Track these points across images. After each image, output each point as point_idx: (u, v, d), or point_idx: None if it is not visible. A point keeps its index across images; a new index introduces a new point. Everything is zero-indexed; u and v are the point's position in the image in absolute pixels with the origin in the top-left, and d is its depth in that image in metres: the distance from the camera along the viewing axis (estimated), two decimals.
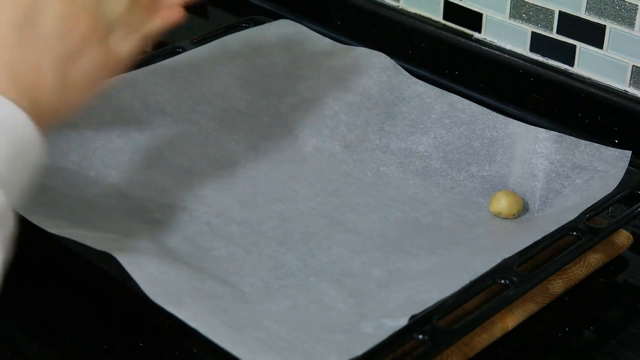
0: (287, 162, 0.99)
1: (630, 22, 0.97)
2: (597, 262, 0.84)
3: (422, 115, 0.99)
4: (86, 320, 0.79)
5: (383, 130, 1.00)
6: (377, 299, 0.80)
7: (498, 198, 0.90)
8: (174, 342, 0.77)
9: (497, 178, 0.94)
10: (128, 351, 0.76)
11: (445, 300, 0.74)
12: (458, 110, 0.98)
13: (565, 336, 0.79)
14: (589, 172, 0.89)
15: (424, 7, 1.13)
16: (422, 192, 0.95)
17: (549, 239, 0.80)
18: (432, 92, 1.00)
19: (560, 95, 1.04)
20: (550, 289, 0.80)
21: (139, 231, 0.86)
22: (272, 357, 0.70)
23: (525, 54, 1.07)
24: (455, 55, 1.11)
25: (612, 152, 0.89)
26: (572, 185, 0.90)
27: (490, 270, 0.77)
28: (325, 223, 0.90)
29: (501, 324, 0.77)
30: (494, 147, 0.95)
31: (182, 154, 0.96)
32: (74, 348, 0.76)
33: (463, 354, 0.74)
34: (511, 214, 0.89)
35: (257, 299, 0.80)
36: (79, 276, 0.83)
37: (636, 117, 0.98)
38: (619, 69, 1.00)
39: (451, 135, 0.97)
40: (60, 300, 0.81)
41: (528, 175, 0.92)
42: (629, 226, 0.88)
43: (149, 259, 0.78)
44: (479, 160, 0.95)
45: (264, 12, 1.15)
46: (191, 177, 0.95)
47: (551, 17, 1.03)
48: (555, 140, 0.91)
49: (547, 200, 0.90)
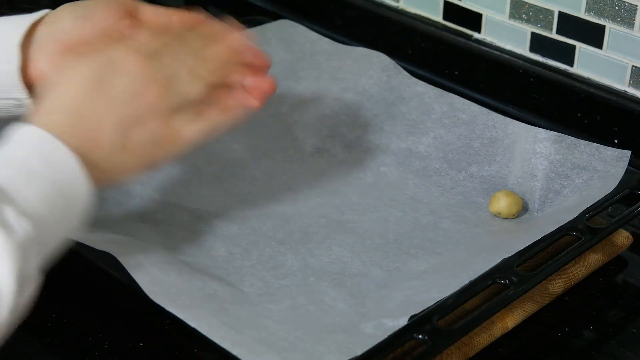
0: (287, 162, 0.99)
1: (630, 22, 0.97)
2: (597, 262, 0.84)
3: (422, 116, 0.99)
4: (86, 320, 0.79)
5: (383, 130, 1.00)
6: (377, 299, 0.80)
7: (498, 198, 0.90)
8: (174, 342, 0.77)
9: (496, 178, 0.94)
10: (128, 351, 0.76)
11: (445, 300, 0.74)
12: (458, 111, 0.98)
13: (565, 336, 0.79)
14: (589, 172, 0.89)
15: (424, 8, 1.13)
16: (422, 192, 0.95)
17: (549, 239, 0.80)
18: (432, 92, 1.00)
19: (559, 95, 1.04)
20: (550, 288, 0.80)
21: (139, 231, 0.86)
22: (272, 357, 0.70)
23: (525, 54, 1.07)
24: (455, 56, 1.11)
25: (612, 152, 0.89)
26: (572, 185, 0.90)
27: (490, 270, 0.77)
28: (325, 223, 0.90)
29: (501, 323, 0.77)
30: (493, 147, 0.95)
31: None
32: (74, 348, 0.76)
33: (463, 354, 0.74)
34: (511, 214, 0.89)
35: (257, 299, 0.80)
36: (79, 276, 0.83)
37: (636, 117, 0.98)
38: (618, 69, 1.00)
39: (451, 135, 0.97)
40: (61, 300, 0.81)
41: (528, 175, 0.92)
42: (628, 226, 0.88)
43: (149, 259, 0.78)
44: (479, 160, 0.95)
45: (264, 12, 1.15)
46: (191, 177, 0.95)
47: (551, 17, 1.03)
48: (554, 140, 0.91)
49: (546, 200, 0.90)
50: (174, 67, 0.73)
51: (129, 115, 0.71)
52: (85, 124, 0.69)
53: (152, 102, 0.72)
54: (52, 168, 0.66)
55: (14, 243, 0.61)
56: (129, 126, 0.71)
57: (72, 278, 0.83)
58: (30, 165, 0.65)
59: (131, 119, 0.71)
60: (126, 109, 0.71)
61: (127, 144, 0.71)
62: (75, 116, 0.69)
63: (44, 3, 1.24)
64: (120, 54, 0.72)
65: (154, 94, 0.72)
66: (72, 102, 0.70)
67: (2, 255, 0.60)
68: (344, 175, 0.97)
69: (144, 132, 0.72)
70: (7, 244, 0.61)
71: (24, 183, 0.64)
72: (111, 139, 0.70)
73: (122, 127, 0.71)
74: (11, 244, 0.61)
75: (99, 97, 0.70)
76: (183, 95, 0.73)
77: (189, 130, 0.74)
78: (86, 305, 0.81)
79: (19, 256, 0.61)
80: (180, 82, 0.73)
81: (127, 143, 0.71)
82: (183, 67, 0.74)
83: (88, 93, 0.70)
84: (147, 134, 0.72)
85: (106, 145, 0.70)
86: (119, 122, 0.70)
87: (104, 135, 0.70)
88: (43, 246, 0.65)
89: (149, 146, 0.72)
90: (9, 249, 0.60)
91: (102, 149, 0.70)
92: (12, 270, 0.60)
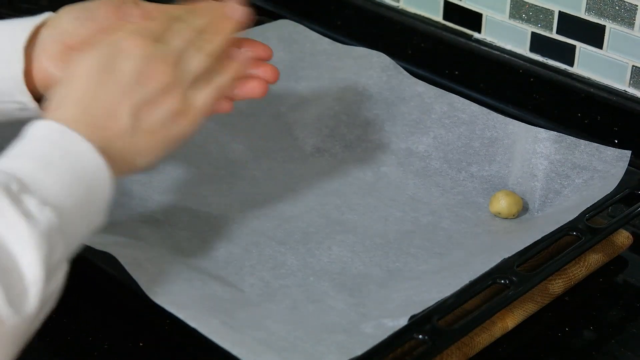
0: (287, 162, 0.99)
1: (630, 22, 0.97)
2: (597, 262, 0.84)
3: (422, 115, 0.99)
4: (86, 320, 0.79)
5: (383, 130, 1.00)
6: (377, 299, 0.80)
7: (498, 198, 0.90)
8: (174, 342, 0.77)
9: (496, 178, 0.94)
10: (128, 351, 0.76)
11: (445, 300, 0.74)
12: (458, 110, 0.98)
13: (565, 336, 0.79)
14: (589, 172, 0.89)
15: (424, 7, 1.13)
16: (422, 192, 0.95)
17: (549, 239, 0.80)
18: (432, 92, 1.00)
19: (560, 95, 1.04)
20: (550, 288, 0.80)
21: (140, 231, 0.86)
22: (272, 357, 0.70)
23: (525, 54, 1.07)
24: (455, 56, 1.11)
25: (612, 152, 0.89)
26: (572, 185, 0.90)
27: (490, 270, 0.77)
28: (325, 223, 0.90)
29: (501, 323, 0.77)
30: (493, 147, 0.95)
31: (182, 154, 0.96)
32: (74, 348, 0.76)
33: (463, 354, 0.74)
34: (511, 214, 0.89)
35: (257, 299, 0.80)
36: (79, 276, 0.83)
37: (636, 117, 0.98)
38: (618, 69, 1.00)
39: (451, 135, 0.97)
40: (61, 300, 0.81)
41: (528, 175, 0.92)
42: (628, 226, 0.88)
43: (149, 259, 0.78)
44: (479, 160, 0.95)
45: (264, 12, 1.15)
46: (191, 177, 0.95)
47: (551, 17, 1.03)
48: (555, 140, 0.91)
49: (546, 200, 0.90)
50: (177, 43, 0.73)
51: (140, 97, 0.71)
52: (98, 113, 0.69)
53: (163, 80, 0.71)
54: (70, 158, 0.66)
55: (38, 233, 0.61)
56: (143, 108, 0.71)
57: (72, 278, 0.83)
58: (48, 157, 0.65)
59: (143, 101, 0.71)
60: (137, 92, 0.71)
61: (142, 126, 0.71)
62: (87, 106, 0.69)
63: (44, 3, 1.24)
64: (123, 38, 0.72)
65: (163, 73, 0.71)
66: (83, 93, 0.70)
67: (29, 244, 0.61)
68: (344, 175, 0.97)
69: (158, 112, 0.72)
70: (33, 234, 0.61)
71: (44, 174, 0.64)
72: (126, 124, 0.70)
73: (135, 110, 0.70)
74: (36, 233, 0.61)
75: (107, 84, 0.70)
76: (191, 69, 0.73)
77: (200, 99, 0.74)
78: (86, 305, 0.81)
79: (45, 245, 0.61)
80: (186, 57, 0.73)
81: (142, 125, 0.71)
82: (186, 43, 0.74)
83: (96, 82, 0.70)
84: (162, 113, 0.72)
85: (122, 131, 0.70)
86: (131, 105, 0.70)
87: (119, 121, 0.70)
88: (67, 236, 0.65)
89: (166, 125, 0.72)
90: (35, 239, 0.61)
91: (119, 135, 0.70)
92: (40, 259, 0.61)
